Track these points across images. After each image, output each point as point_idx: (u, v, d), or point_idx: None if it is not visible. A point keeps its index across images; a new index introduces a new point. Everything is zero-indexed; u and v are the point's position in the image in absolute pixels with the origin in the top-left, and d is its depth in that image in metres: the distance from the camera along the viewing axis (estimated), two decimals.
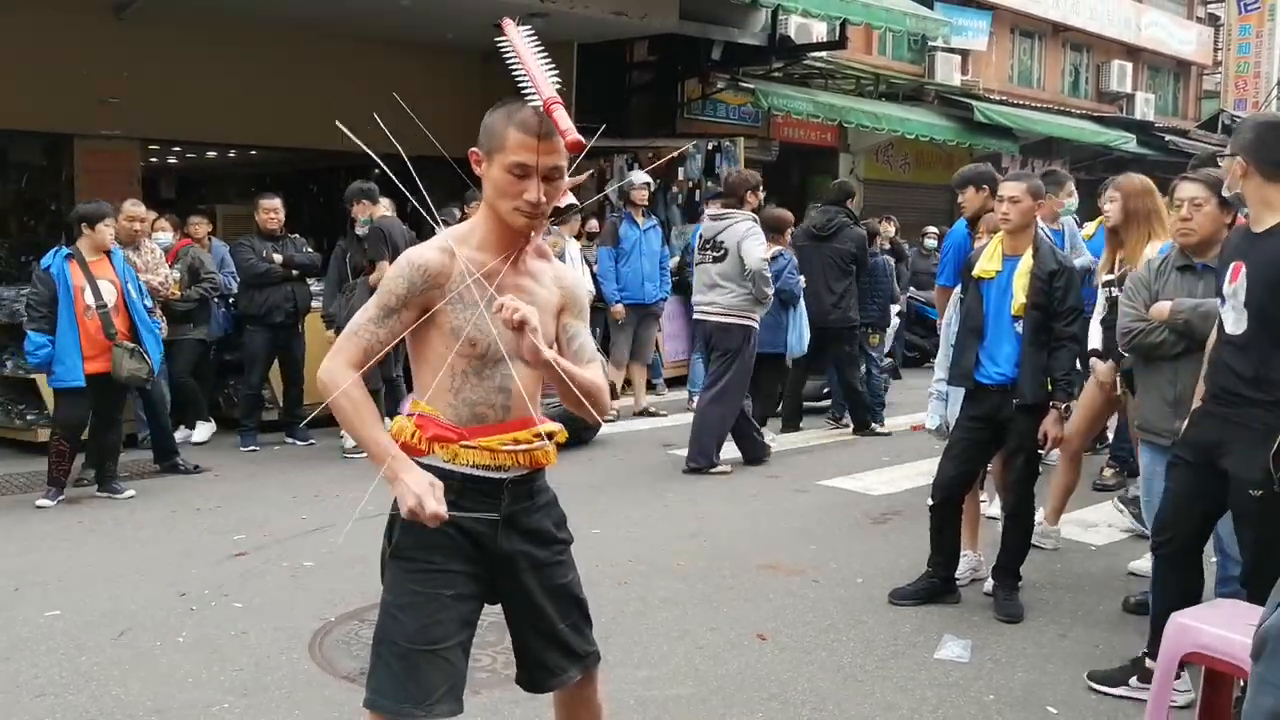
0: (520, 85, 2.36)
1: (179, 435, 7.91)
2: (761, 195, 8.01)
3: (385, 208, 8.28)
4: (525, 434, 2.47)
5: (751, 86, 13.92)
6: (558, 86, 2.35)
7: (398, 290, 2.38)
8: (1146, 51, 23.82)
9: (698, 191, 12.25)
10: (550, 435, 2.55)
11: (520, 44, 2.42)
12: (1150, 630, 3.92)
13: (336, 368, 2.38)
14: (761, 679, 4.06)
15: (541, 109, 2.31)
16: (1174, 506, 3.80)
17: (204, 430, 8.36)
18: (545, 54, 2.42)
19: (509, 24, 2.47)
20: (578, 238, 10.27)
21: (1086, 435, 6.00)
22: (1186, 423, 3.85)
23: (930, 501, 4.91)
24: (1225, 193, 3.82)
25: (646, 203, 9.81)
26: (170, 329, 7.72)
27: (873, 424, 9.04)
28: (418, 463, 2.44)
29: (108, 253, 6.72)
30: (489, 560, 2.48)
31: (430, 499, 2.28)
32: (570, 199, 2.66)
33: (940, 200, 17.40)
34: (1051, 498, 5.80)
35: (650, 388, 10.64)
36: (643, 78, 14.39)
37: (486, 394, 2.44)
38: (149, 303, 7.00)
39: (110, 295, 6.59)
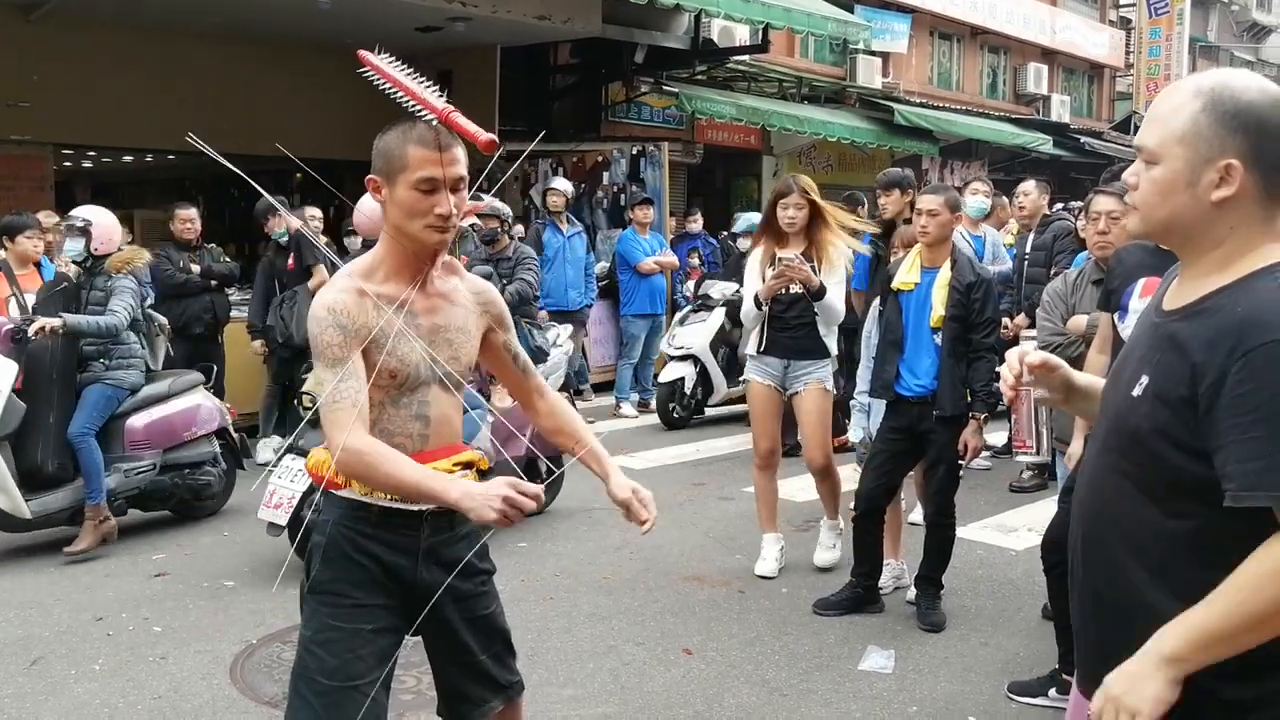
0: (407, 106, 2.33)
1: None
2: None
3: (310, 216, 8.21)
4: (445, 463, 2.45)
5: (675, 90, 13.95)
6: (443, 101, 2.33)
7: (334, 340, 2.31)
8: (1061, 54, 24.30)
9: (622, 196, 12.24)
10: (471, 464, 2.53)
11: (388, 69, 2.40)
12: (1058, 644, 4.01)
13: (343, 440, 2.25)
14: (687, 696, 4.08)
15: (438, 122, 2.30)
16: (1066, 529, 3.86)
17: None
18: (415, 74, 2.39)
19: (366, 55, 2.43)
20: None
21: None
22: (1084, 446, 3.92)
23: (853, 512, 4.97)
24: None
25: (560, 208, 9.79)
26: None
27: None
28: (336, 495, 2.41)
29: (38, 265, 6.54)
30: (409, 593, 2.45)
31: (506, 491, 2.16)
32: (473, 219, 2.65)
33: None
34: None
35: (578, 394, 10.62)
36: (566, 81, 14.35)
37: (403, 423, 2.41)
38: None
39: None
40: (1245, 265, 1.70)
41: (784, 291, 5.16)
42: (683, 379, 9.43)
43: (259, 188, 3.06)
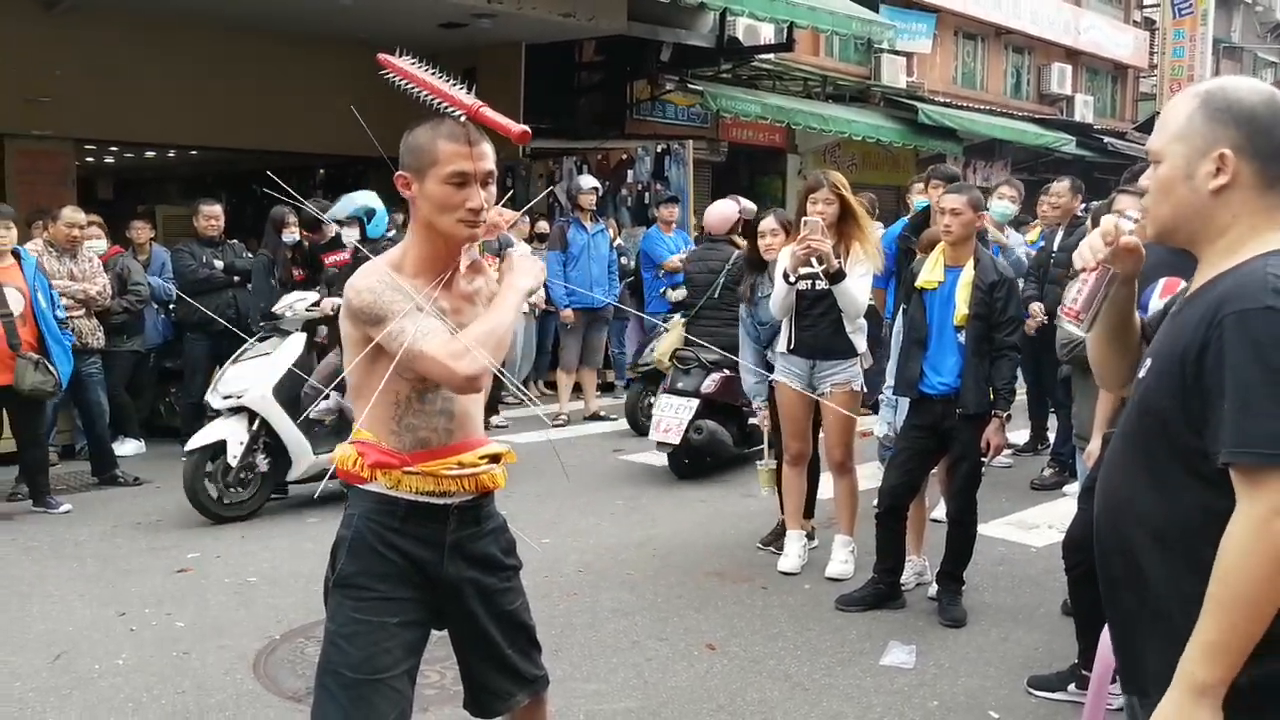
0: (434, 104, 2.36)
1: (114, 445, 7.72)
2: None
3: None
4: (470, 456, 2.46)
5: (700, 88, 13.93)
6: (471, 97, 2.35)
7: (396, 298, 2.30)
8: (1085, 54, 24.16)
9: (647, 194, 12.25)
10: (497, 457, 2.53)
11: (411, 69, 2.42)
12: (1077, 640, 3.99)
13: (455, 350, 2.25)
14: (710, 690, 4.07)
15: (467, 117, 2.33)
16: (1087, 529, 3.81)
17: (131, 447, 8.14)
18: (438, 72, 2.41)
19: (387, 58, 2.45)
20: (528, 240, 10.23)
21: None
22: (1102, 445, 3.90)
23: (876, 509, 4.95)
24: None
25: (593, 207, 9.81)
26: (105, 340, 7.52)
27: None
28: (362, 490, 2.42)
29: (18, 258, 6.44)
30: (434, 587, 2.46)
31: (529, 259, 2.47)
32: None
33: (887, 200, 17.51)
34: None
35: (611, 388, 10.69)
36: (591, 79, 14.36)
37: (429, 418, 2.42)
38: (60, 313, 6.68)
39: (17, 304, 6.27)
40: (1248, 252, 1.77)
41: (810, 288, 5.16)
42: (224, 443, 6.23)
43: (322, 216, 3.06)
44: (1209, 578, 1.67)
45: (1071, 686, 4.00)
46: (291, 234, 7.97)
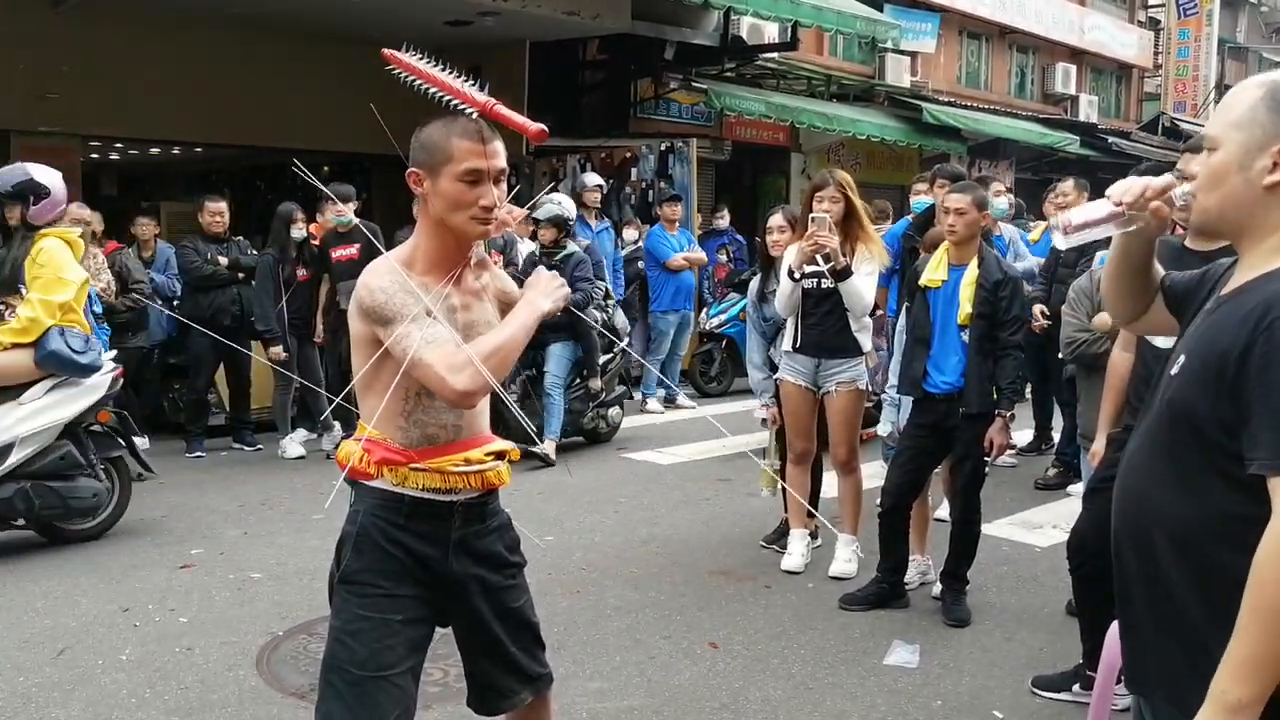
0: (444, 101, 2.36)
1: None
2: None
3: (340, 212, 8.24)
4: (477, 453, 2.46)
5: (704, 87, 13.90)
6: (484, 94, 2.36)
7: (407, 300, 2.30)
8: (1090, 54, 24.10)
9: (651, 192, 12.24)
10: (502, 455, 2.53)
11: (420, 66, 2.42)
12: (1082, 641, 3.99)
13: (454, 363, 2.25)
14: (713, 689, 4.07)
15: (479, 115, 2.34)
16: (1092, 530, 3.81)
17: (135, 443, 8.12)
18: (449, 69, 2.41)
19: (393, 54, 2.46)
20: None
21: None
22: (1107, 444, 3.90)
23: (879, 508, 4.95)
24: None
25: (598, 204, 9.81)
26: (111, 338, 7.51)
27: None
28: (367, 486, 2.42)
29: None
30: (439, 584, 2.46)
31: (555, 281, 2.46)
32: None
33: (891, 199, 17.49)
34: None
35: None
36: (595, 77, 14.34)
37: (439, 414, 2.42)
38: (98, 309, 6.75)
39: None
40: None
41: (815, 286, 5.17)
42: None
43: (333, 196, 3.07)
44: (1228, 582, 1.63)
45: (1076, 687, 3.99)
46: (299, 230, 7.99)
